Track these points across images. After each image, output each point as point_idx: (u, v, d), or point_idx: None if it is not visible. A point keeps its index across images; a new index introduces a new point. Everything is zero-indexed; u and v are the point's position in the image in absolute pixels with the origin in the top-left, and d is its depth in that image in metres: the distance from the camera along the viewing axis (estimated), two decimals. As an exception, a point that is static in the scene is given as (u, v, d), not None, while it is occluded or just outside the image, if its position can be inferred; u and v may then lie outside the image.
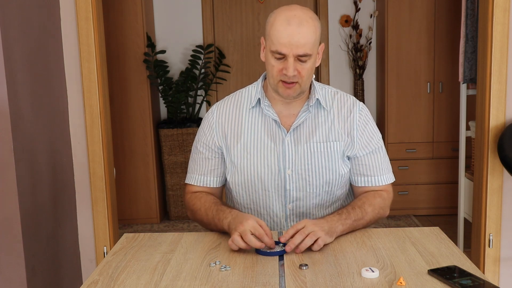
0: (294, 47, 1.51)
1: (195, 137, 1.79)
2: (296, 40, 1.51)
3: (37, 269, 2.23)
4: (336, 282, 1.24)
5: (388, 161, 1.75)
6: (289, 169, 1.66)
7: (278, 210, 1.70)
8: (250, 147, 1.67)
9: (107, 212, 2.71)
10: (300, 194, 1.68)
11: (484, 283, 1.20)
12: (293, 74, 1.54)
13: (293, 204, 1.69)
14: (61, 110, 2.58)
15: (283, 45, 1.52)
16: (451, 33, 4.12)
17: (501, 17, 2.55)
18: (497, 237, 2.68)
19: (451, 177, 4.22)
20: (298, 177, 1.66)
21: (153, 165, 4.30)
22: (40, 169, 2.32)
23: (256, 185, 1.68)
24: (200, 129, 1.75)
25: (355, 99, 1.73)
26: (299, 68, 1.55)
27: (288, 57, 1.53)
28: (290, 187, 1.67)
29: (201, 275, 1.31)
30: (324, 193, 1.70)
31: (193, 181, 1.74)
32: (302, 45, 1.51)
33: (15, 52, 2.12)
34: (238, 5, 4.61)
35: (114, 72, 4.13)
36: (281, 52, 1.53)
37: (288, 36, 1.51)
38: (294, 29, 1.51)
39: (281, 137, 1.66)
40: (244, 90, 1.75)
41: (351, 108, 1.69)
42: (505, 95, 2.60)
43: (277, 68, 1.56)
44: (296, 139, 1.66)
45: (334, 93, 1.72)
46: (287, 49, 1.52)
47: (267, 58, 1.59)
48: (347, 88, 4.60)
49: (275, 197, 1.68)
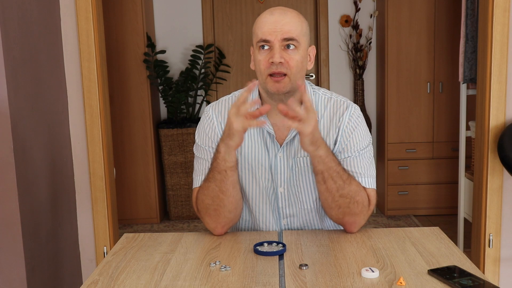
0: (279, 33, 1.48)
1: (195, 139, 1.70)
2: (280, 26, 1.48)
3: (37, 269, 2.23)
4: (336, 282, 1.24)
5: (372, 168, 1.60)
6: (281, 187, 1.62)
7: (275, 226, 1.67)
8: (245, 162, 1.61)
9: (107, 212, 2.71)
10: (293, 210, 1.65)
11: (484, 283, 1.20)
12: (280, 60, 1.47)
13: (287, 220, 1.66)
14: (61, 110, 2.58)
15: (267, 33, 1.48)
16: (451, 33, 4.12)
17: (501, 17, 2.55)
18: (497, 237, 2.68)
19: (451, 177, 4.22)
20: (290, 194, 1.63)
21: (153, 165, 4.30)
22: (40, 169, 2.32)
23: (252, 201, 1.65)
24: (201, 131, 1.65)
25: (349, 103, 1.62)
26: (287, 57, 1.49)
27: (274, 44, 1.48)
28: (282, 205, 1.64)
29: (201, 275, 1.31)
30: (316, 209, 1.65)
31: (199, 184, 1.63)
32: (287, 31, 1.48)
33: (15, 52, 2.12)
34: (238, 5, 4.61)
35: (114, 72, 4.13)
36: (266, 39, 1.49)
37: (272, 23, 1.49)
38: (278, 16, 1.49)
39: (274, 152, 1.60)
40: (238, 93, 1.67)
41: (341, 115, 1.59)
42: (505, 95, 2.60)
43: (264, 61, 1.50)
44: (288, 154, 1.60)
45: (327, 99, 1.63)
46: (271, 36, 1.48)
47: (254, 56, 1.54)
48: (347, 88, 4.61)
49: (269, 213, 1.65)
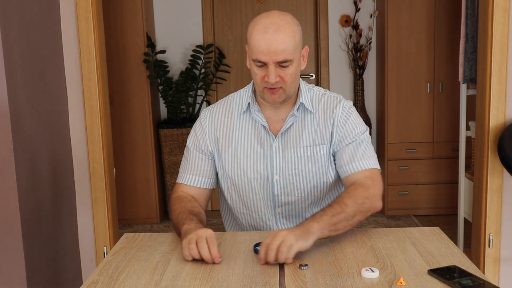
0: (273, 54, 1.51)
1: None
2: (274, 47, 1.51)
3: (37, 269, 2.23)
4: (336, 282, 1.24)
5: (371, 150, 1.66)
6: (276, 175, 1.67)
7: (269, 214, 1.71)
8: (240, 152, 1.68)
9: (107, 212, 2.71)
10: (289, 198, 1.69)
11: (484, 283, 1.20)
12: (275, 80, 1.54)
13: (282, 208, 1.70)
14: (61, 110, 2.58)
15: (262, 53, 1.52)
16: (451, 33, 4.12)
17: (501, 17, 2.55)
18: (497, 237, 2.68)
19: (451, 177, 4.22)
20: (286, 182, 1.67)
21: (153, 165, 4.30)
22: (40, 169, 2.32)
23: (246, 190, 1.69)
24: (192, 131, 1.76)
25: (341, 98, 1.71)
26: (281, 74, 1.55)
27: (269, 64, 1.53)
28: (278, 192, 1.68)
29: (201, 275, 1.31)
30: (312, 197, 1.70)
31: (184, 181, 1.73)
32: (281, 52, 1.51)
33: (15, 52, 2.12)
34: (238, 5, 4.62)
35: (114, 72, 4.12)
36: (261, 60, 1.53)
37: (266, 44, 1.51)
38: (271, 36, 1.51)
39: (269, 143, 1.67)
40: (235, 94, 1.75)
41: (335, 108, 1.68)
42: (505, 95, 2.60)
43: (259, 76, 1.57)
44: (283, 144, 1.66)
45: (321, 95, 1.71)
46: (266, 57, 1.52)
47: (250, 66, 1.60)
48: (347, 88, 4.61)
49: (264, 202, 1.69)
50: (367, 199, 1.55)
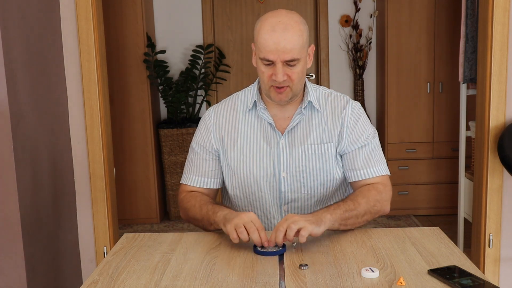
0: (281, 53, 1.52)
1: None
2: (282, 46, 1.52)
3: (37, 269, 2.23)
4: (336, 282, 1.24)
5: (382, 155, 1.71)
6: (283, 172, 1.67)
7: (274, 212, 1.72)
8: (246, 150, 1.69)
9: (107, 212, 2.71)
10: (295, 195, 1.69)
11: (484, 283, 1.20)
12: (283, 79, 1.55)
13: (288, 205, 1.71)
14: (61, 110, 2.58)
15: (270, 52, 1.53)
16: (451, 33, 4.12)
17: (501, 17, 2.55)
18: (497, 237, 2.68)
19: (451, 177, 4.22)
20: (293, 179, 1.68)
21: (153, 165, 4.30)
22: (40, 169, 2.32)
23: (252, 187, 1.70)
24: (197, 131, 1.77)
25: (349, 99, 1.73)
26: (289, 72, 1.56)
27: (276, 63, 1.54)
28: (285, 189, 1.69)
29: (201, 275, 1.31)
30: (319, 195, 1.70)
31: (189, 182, 1.74)
32: (289, 51, 1.52)
33: (15, 52, 2.12)
34: (238, 5, 4.62)
35: (114, 72, 4.12)
36: (269, 59, 1.54)
37: (274, 43, 1.52)
38: (279, 35, 1.51)
39: (275, 140, 1.67)
40: (240, 93, 1.76)
41: (344, 107, 1.70)
42: (505, 95, 2.60)
43: (267, 74, 1.58)
44: (290, 141, 1.67)
45: (327, 94, 1.73)
46: (274, 56, 1.53)
47: (257, 64, 1.61)
48: (347, 88, 4.61)
49: (270, 199, 1.70)
50: (378, 202, 1.62)
